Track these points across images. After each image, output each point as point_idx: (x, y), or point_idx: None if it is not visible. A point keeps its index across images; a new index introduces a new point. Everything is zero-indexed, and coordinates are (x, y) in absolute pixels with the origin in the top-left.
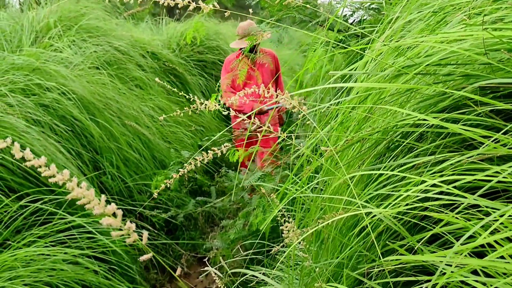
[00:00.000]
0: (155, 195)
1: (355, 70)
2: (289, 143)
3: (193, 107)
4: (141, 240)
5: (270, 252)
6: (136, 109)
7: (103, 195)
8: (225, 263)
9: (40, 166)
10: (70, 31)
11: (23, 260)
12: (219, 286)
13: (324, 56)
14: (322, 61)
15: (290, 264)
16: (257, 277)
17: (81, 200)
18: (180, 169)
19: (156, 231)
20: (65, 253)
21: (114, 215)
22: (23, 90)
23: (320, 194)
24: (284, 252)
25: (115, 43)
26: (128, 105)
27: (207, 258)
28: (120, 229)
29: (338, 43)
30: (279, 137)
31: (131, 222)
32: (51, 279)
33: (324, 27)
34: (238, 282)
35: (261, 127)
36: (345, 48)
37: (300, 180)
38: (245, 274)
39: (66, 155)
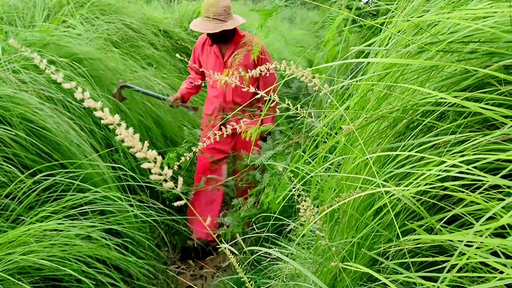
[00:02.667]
0: (178, 164)
1: (373, 46)
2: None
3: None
4: (176, 187)
5: (285, 229)
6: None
7: (146, 142)
8: (237, 241)
9: (95, 109)
10: (83, 8)
11: (36, 235)
12: (234, 263)
13: (342, 28)
14: (337, 38)
15: (304, 243)
16: (269, 256)
17: (126, 142)
18: (192, 147)
19: (167, 209)
20: (80, 228)
21: (155, 161)
22: (36, 66)
23: (336, 173)
24: (297, 231)
25: (127, 21)
26: (141, 83)
27: (216, 235)
28: (160, 174)
29: (356, 17)
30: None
31: (142, 200)
32: (64, 254)
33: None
34: (251, 259)
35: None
36: (361, 26)
37: (313, 160)
38: (259, 251)
39: (78, 132)
